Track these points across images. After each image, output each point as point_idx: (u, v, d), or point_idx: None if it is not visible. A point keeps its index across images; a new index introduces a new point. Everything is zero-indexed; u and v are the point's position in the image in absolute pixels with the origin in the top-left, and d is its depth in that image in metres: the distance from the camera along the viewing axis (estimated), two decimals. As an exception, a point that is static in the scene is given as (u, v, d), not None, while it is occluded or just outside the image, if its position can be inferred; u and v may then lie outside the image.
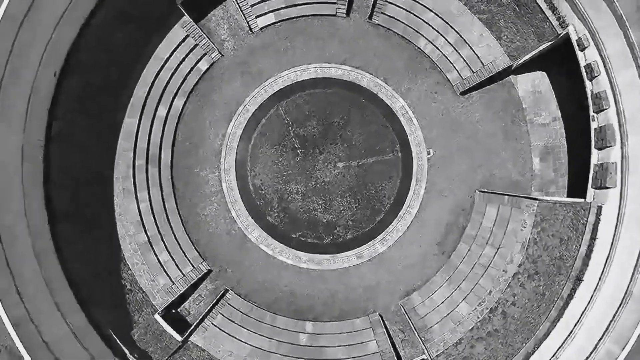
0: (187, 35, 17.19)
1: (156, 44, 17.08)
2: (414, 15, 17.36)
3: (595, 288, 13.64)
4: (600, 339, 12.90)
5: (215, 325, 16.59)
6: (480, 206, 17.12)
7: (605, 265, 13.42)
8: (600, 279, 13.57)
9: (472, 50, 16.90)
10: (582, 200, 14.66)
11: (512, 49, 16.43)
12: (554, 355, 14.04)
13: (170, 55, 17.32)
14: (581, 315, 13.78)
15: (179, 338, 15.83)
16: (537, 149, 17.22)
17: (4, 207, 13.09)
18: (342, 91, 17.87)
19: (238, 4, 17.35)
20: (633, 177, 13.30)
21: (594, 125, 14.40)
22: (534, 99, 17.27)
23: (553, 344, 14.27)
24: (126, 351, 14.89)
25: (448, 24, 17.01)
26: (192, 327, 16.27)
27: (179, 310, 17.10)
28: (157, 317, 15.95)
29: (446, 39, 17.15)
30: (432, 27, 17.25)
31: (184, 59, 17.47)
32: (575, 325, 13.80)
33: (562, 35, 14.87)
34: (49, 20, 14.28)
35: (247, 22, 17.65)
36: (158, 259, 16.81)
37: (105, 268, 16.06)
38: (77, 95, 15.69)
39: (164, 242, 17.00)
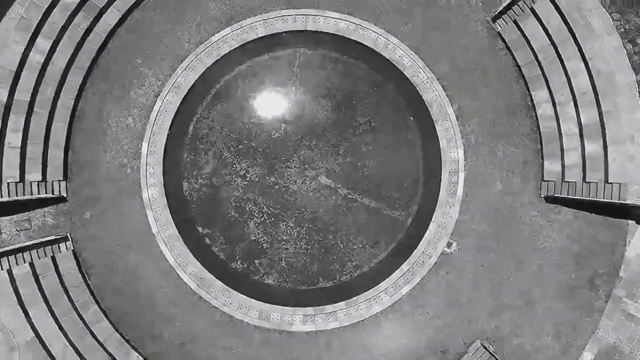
0: None
1: None
2: (557, 52, 10.85)
3: None
4: None
5: (11, 275, 10.40)
6: (469, 364, 10.62)
7: None
8: None
9: (605, 151, 10.38)
10: None
11: (664, 186, 9.89)
12: None
13: None
14: None
15: (-59, 260, 9.74)
16: (599, 340, 10.60)
17: None
18: (391, 87, 11.50)
19: None
20: None
21: None
22: (641, 274, 10.65)
23: None
24: None
25: (596, 93, 10.48)
26: (-22, 257, 10.18)
27: (-11, 221, 11.02)
28: None
29: (578, 113, 10.64)
30: (570, 84, 10.74)
31: None
32: None
33: None
34: None
35: None
36: (3, 136, 10.72)
37: None
38: None
39: (27, 120, 10.89)
